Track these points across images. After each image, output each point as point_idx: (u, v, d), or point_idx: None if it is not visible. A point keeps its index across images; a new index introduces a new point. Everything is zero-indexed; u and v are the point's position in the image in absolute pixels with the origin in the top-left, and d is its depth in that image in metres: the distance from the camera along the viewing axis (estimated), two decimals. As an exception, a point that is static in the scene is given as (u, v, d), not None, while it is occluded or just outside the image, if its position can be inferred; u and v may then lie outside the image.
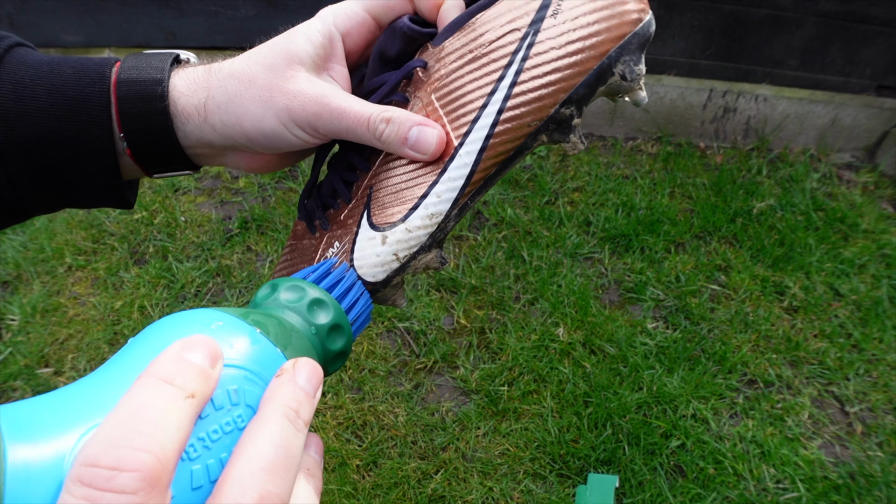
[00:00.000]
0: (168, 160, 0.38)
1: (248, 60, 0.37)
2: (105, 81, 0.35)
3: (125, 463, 0.19)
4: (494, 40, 0.35)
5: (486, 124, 0.35)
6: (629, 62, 0.35)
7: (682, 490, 1.21)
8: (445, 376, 1.40)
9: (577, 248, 1.64)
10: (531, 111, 0.35)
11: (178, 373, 0.21)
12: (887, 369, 1.43)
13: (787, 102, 1.93)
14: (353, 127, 0.35)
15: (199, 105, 0.36)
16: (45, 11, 1.97)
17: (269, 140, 0.37)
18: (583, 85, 0.34)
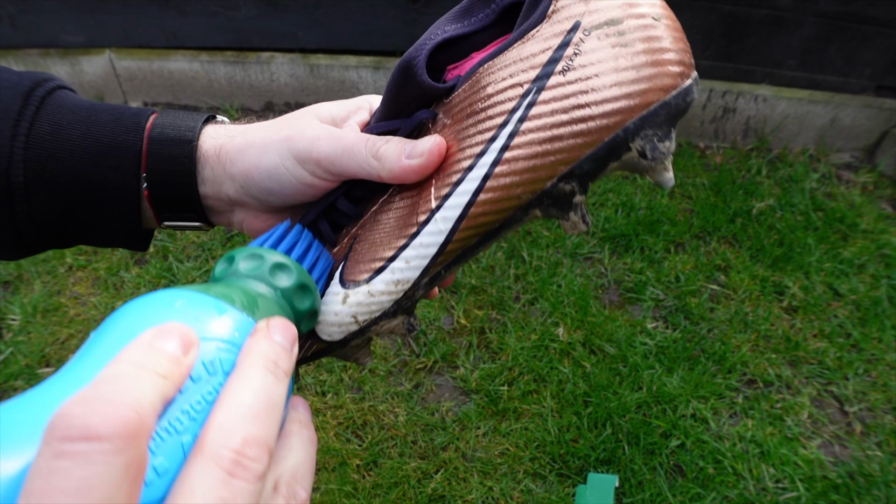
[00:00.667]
0: (182, 206, 0.38)
1: (278, 119, 0.38)
2: (140, 131, 0.36)
3: (99, 411, 0.18)
4: (493, 94, 0.30)
5: (469, 189, 0.30)
6: (652, 137, 0.28)
7: (682, 489, 1.21)
8: (445, 376, 1.40)
9: (577, 248, 1.64)
10: (522, 182, 0.29)
11: (148, 358, 0.21)
12: (886, 369, 1.43)
13: (787, 103, 1.93)
14: (351, 146, 0.34)
15: (217, 147, 0.37)
16: (46, 12, 1.97)
17: (263, 178, 0.36)
18: (588, 159, 0.29)
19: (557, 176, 0.29)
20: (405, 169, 0.32)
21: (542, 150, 0.29)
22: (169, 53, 2.03)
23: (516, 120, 0.29)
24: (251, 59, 2.01)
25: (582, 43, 0.28)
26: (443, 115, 0.32)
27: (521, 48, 0.29)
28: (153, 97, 2.12)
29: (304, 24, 1.99)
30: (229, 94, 2.09)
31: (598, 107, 0.28)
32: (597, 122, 0.28)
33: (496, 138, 0.29)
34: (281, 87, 2.05)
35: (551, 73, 0.28)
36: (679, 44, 0.28)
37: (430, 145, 0.32)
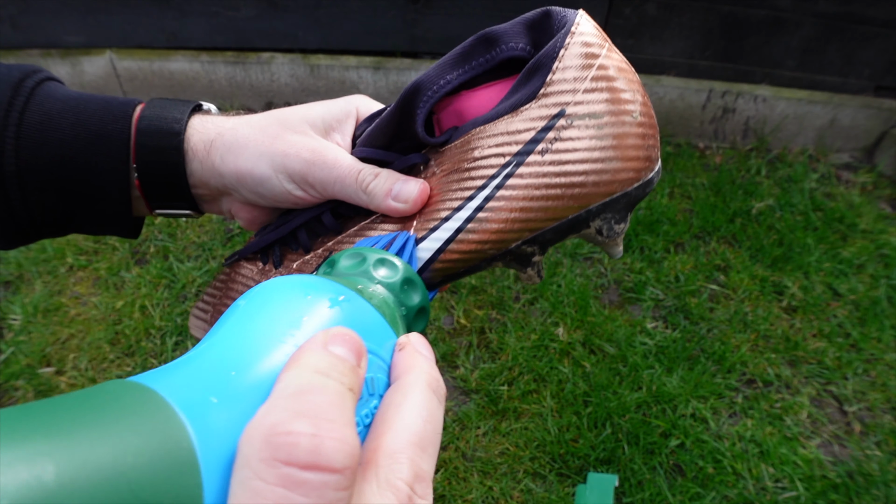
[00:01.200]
0: (172, 196, 0.39)
1: (266, 114, 0.38)
2: (128, 119, 0.36)
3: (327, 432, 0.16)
4: (479, 158, 0.33)
5: (442, 238, 0.33)
6: (610, 220, 0.32)
7: (682, 489, 1.22)
8: (445, 376, 1.40)
9: (577, 247, 1.64)
10: (490, 240, 0.33)
11: (332, 367, 0.19)
12: (885, 369, 1.43)
13: (786, 103, 1.94)
14: (343, 177, 0.36)
15: (207, 141, 0.38)
16: (47, 12, 1.97)
17: (256, 184, 0.37)
18: (552, 230, 0.32)
19: (522, 240, 0.33)
20: (391, 208, 0.35)
21: (513, 217, 0.32)
22: (169, 54, 2.03)
23: (493, 186, 0.32)
24: (251, 59, 2.01)
25: (564, 130, 0.31)
26: (434, 164, 0.35)
27: (510, 122, 0.32)
28: (154, 97, 2.13)
29: (305, 25, 1.99)
30: (230, 95, 2.09)
31: (567, 189, 0.31)
32: (564, 201, 0.32)
33: (473, 198, 0.32)
34: (281, 88, 2.06)
35: (531, 152, 0.31)
36: (649, 140, 0.32)
37: (416, 195, 0.35)
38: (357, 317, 0.23)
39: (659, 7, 1.85)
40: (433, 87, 0.33)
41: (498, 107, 0.33)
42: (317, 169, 0.36)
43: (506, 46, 0.33)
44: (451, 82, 0.33)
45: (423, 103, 0.33)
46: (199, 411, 0.17)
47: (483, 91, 0.34)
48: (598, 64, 0.31)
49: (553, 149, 0.31)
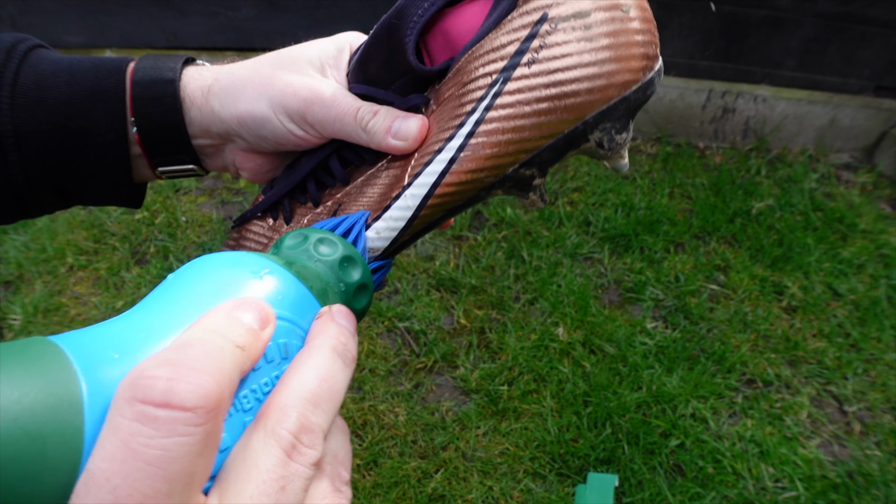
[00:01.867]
0: (174, 148, 0.38)
1: (260, 57, 0.38)
2: (121, 74, 0.36)
3: (184, 376, 0.18)
4: (468, 83, 0.31)
5: (436, 171, 0.31)
6: (610, 130, 0.30)
7: (682, 489, 1.22)
8: (445, 376, 1.40)
9: (577, 248, 1.64)
10: (486, 167, 0.31)
11: (227, 327, 0.21)
12: (885, 369, 1.43)
13: (786, 103, 1.94)
14: (342, 116, 0.35)
15: (205, 88, 0.37)
16: (47, 12, 1.97)
17: (256, 125, 0.37)
18: (549, 148, 0.30)
19: (519, 163, 0.31)
20: (390, 146, 0.35)
21: (505, 139, 0.30)
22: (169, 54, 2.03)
23: (483, 108, 0.30)
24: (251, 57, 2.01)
25: (548, 35, 0.28)
26: (433, 101, 0.33)
27: (494, 38, 0.30)
28: (154, 97, 2.13)
29: (305, 25, 1.99)
30: (230, 95, 2.09)
31: (560, 100, 0.29)
32: (558, 114, 0.29)
33: (464, 124, 0.30)
34: (281, 88, 2.06)
35: (517, 65, 0.29)
36: (645, 35, 0.29)
37: (415, 132, 0.34)
38: (279, 288, 0.24)
39: (659, 7, 1.84)
40: (418, 11, 0.31)
41: (484, 24, 0.31)
42: (315, 107, 0.35)
43: None
44: (435, 4, 0.31)
45: (409, 31, 0.31)
46: (94, 363, 0.19)
47: (467, 7, 0.32)
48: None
49: (539, 58, 0.29)
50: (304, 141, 0.37)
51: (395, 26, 0.32)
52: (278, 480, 0.20)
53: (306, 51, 0.38)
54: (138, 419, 0.17)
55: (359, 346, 1.43)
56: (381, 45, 0.33)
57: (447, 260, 1.61)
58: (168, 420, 0.17)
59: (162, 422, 0.17)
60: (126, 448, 0.17)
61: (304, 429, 0.21)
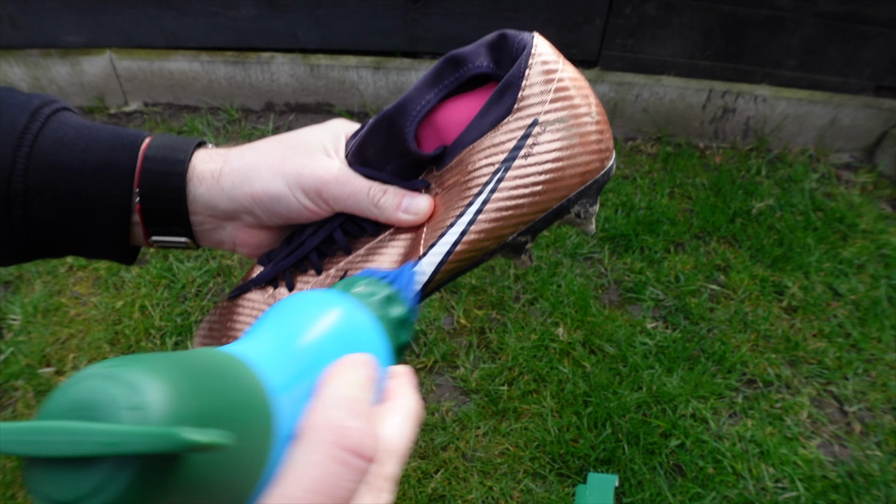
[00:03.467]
0: (171, 220, 0.40)
1: (266, 141, 0.42)
2: (135, 149, 0.39)
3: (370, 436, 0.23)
4: (473, 171, 0.38)
5: (450, 241, 0.38)
6: (586, 204, 0.39)
7: (682, 489, 1.22)
8: (445, 376, 1.40)
9: (577, 248, 1.64)
10: (491, 237, 0.38)
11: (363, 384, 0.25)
12: (886, 369, 1.43)
13: (787, 103, 1.93)
14: (355, 193, 0.40)
15: (216, 170, 0.40)
16: (47, 12, 1.97)
17: (272, 202, 0.40)
18: (541, 220, 0.39)
19: (517, 232, 0.39)
20: (400, 220, 0.40)
21: (507, 214, 0.38)
22: (169, 54, 2.03)
23: (488, 191, 0.38)
24: (251, 59, 2.01)
25: (539, 135, 0.37)
26: (435, 185, 0.40)
27: (493, 136, 0.38)
28: (153, 97, 2.13)
29: (305, 25, 1.99)
30: (229, 95, 2.09)
31: (550, 184, 0.37)
32: (549, 194, 0.38)
33: (472, 204, 0.38)
34: (281, 88, 2.06)
35: (516, 157, 0.37)
36: (605, 135, 0.38)
37: (425, 207, 0.40)
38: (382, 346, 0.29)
39: (659, 7, 1.85)
40: (416, 107, 0.38)
41: (480, 125, 0.38)
42: (331, 186, 0.39)
43: (472, 65, 0.39)
44: (431, 101, 0.38)
45: (409, 122, 0.38)
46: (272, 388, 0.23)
47: (455, 103, 0.40)
48: (557, 78, 0.37)
49: (533, 152, 0.37)
50: (314, 214, 0.41)
51: (395, 117, 0.39)
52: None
53: (311, 136, 0.42)
54: (339, 462, 0.22)
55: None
56: (381, 132, 0.40)
57: (447, 260, 1.61)
58: (358, 468, 0.22)
59: (354, 469, 0.22)
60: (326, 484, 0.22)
61: (390, 479, 0.25)
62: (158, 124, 2.06)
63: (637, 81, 1.94)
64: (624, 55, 1.96)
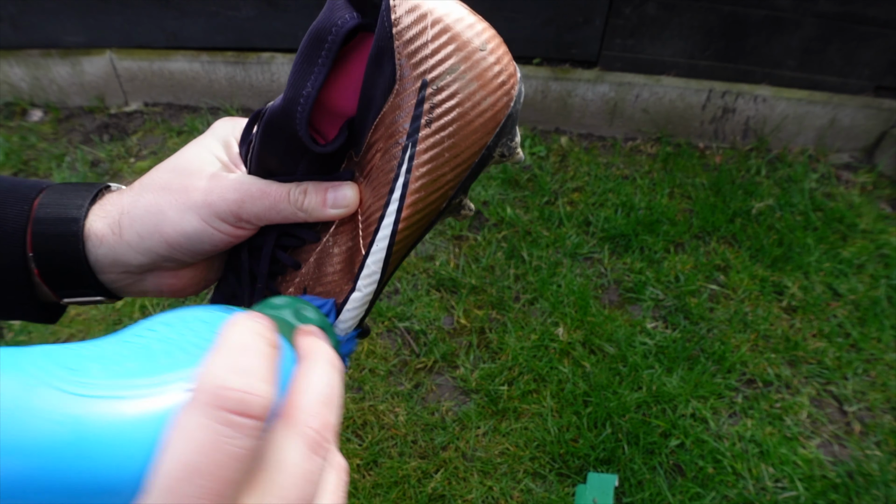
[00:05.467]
0: (77, 283, 0.37)
1: (157, 171, 0.37)
2: (28, 202, 0.35)
3: (255, 388, 0.21)
4: (385, 154, 0.35)
5: (387, 234, 0.36)
6: (506, 142, 0.36)
7: (682, 489, 1.22)
8: (445, 376, 1.40)
9: (577, 248, 1.64)
10: (424, 213, 0.36)
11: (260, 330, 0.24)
12: (885, 369, 1.43)
13: (786, 103, 1.94)
14: (276, 202, 0.36)
15: (114, 224, 0.36)
16: (47, 12, 1.97)
17: (191, 242, 0.36)
18: (468, 178, 0.36)
19: (449, 197, 0.37)
20: (330, 216, 0.37)
21: (432, 189, 0.35)
22: (169, 54, 2.03)
23: (405, 171, 0.35)
24: (251, 59, 2.01)
25: (434, 96, 0.33)
26: (357, 173, 0.38)
27: (390, 113, 0.35)
28: (154, 97, 2.13)
29: (304, 25, 1.99)
30: (229, 95, 2.09)
31: (463, 141, 0.34)
32: (465, 151, 0.35)
33: (394, 190, 0.36)
34: (281, 88, 2.06)
35: (419, 128, 0.34)
36: (503, 61, 0.34)
37: (352, 198, 0.37)
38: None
39: (659, 7, 1.85)
40: (299, 103, 0.34)
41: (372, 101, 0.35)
42: (248, 205, 0.36)
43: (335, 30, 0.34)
44: (312, 93, 0.34)
45: (300, 122, 0.34)
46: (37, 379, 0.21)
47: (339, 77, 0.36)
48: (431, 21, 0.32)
49: (434, 116, 0.33)
50: (240, 238, 0.38)
51: (283, 123, 0.35)
52: (305, 474, 0.23)
53: (200, 152, 0.38)
54: (222, 422, 0.21)
55: (359, 346, 1.43)
56: (275, 140, 0.36)
57: (447, 260, 1.61)
58: (245, 427, 0.21)
59: (240, 427, 0.21)
60: (216, 445, 0.20)
61: (324, 426, 0.25)
62: (158, 124, 2.06)
63: (637, 81, 1.94)
64: (624, 55, 1.96)
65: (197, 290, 0.42)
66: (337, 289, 0.38)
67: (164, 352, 0.24)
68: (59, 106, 2.14)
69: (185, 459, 0.20)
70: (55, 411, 0.20)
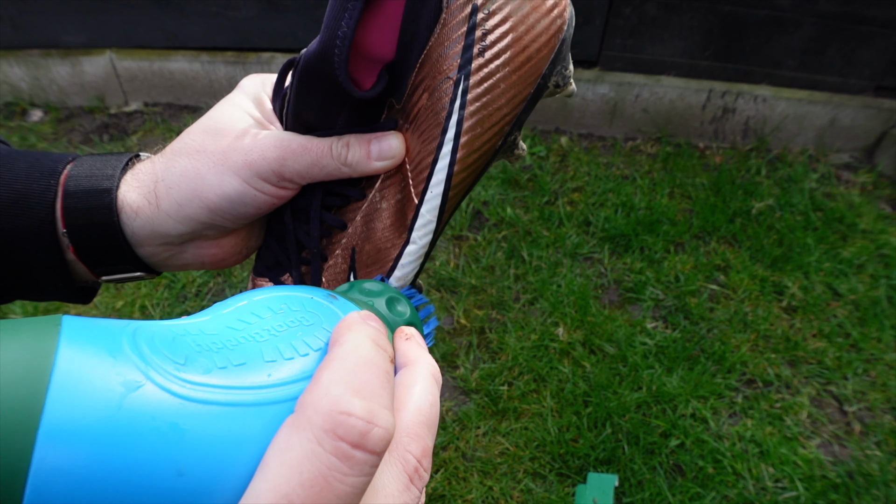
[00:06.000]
0: (115, 259, 0.35)
1: (189, 134, 0.35)
2: (55, 176, 0.33)
3: (379, 418, 0.20)
4: (434, 92, 0.33)
5: (441, 179, 0.34)
6: (561, 70, 0.34)
7: (682, 489, 1.22)
8: (445, 376, 1.40)
9: (577, 248, 1.64)
10: (480, 153, 0.34)
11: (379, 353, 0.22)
12: (885, 369, 1.43)
13: (786, 103, 1.94)
14: (319, 158, 0.34)
15: (149, 193, 0.34)
16: (47, 13, 1.97)
17: (233, 206, 0.34)
18: (523, 112, 0.34)
19: (505, 134, 0.34)
20: (376, 169, 0.35)
21: (489, 123, 0.33)
22: (169, 54, 2.03)
23: (458, 108, 0.32)
24: (251, 59, 2.01)
25: (486, 21, 0.31)
26: (402, 120, 0.35)
27: (438, 46, 0.32)
28: (154, 97, 2.13)
29: (304, 24, 1.99)
30: (230, 95, 2.09)
31: (518, 70, 0.32)
32: (522, 82, 0.32)
33: (447, 129, 0.33)
34: (281, 88, 2.06)
35: (472, 58, 0.32)
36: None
37: (398, 148, 0.35)
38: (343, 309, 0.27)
39: (659, 7, 1.85)
40: (336, 47, 0.32)
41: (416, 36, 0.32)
42: (290, 162, 0.34)
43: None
44: (348, 33, 0.32)
45: (339, 66, 0.32)
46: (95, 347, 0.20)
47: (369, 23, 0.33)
48: None
49: (487, 44, 0.31)
50: (281, 199, 0.36)
51: (321, 69, 0.33)
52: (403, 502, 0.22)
53: (232, 112, 0.36)
54: (337, 455, 0.19)
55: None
56: (312, 90, 0.34)
57: (447, 260, 1.61)
58: (361, 462, 0.19)
59: (356, 463, 0.19)
60: (323, 480, 0.18)
61: (424, 453, 0.23)
62: (158, 124, 2.06)
63: (637, 81, 1.94)
64: (624, 55, 1.96)
65: (238, 259, 0.40)
66: (388, 244, 0.36)
67: (271, 347, 0.22)
68: (59, 106, 2.14)
69: (286, 490, 0.18)
70: (157, 416, 0.18)
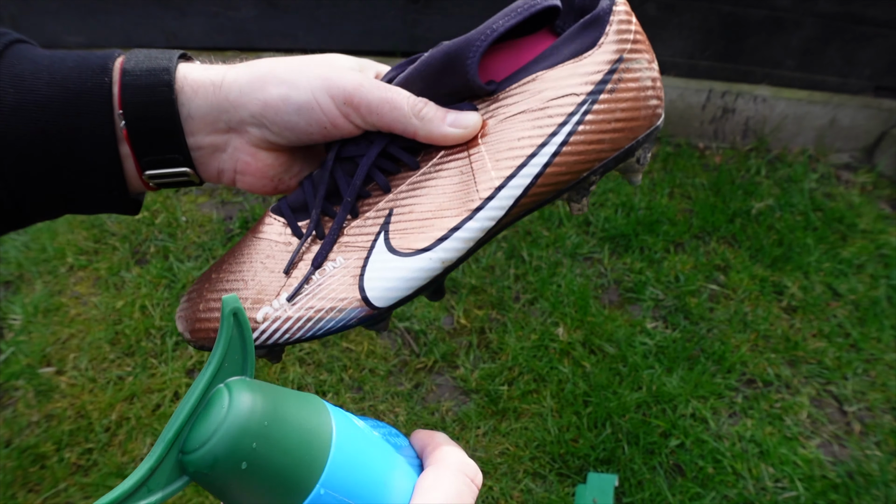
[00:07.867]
0: (166, 146, 0.35)
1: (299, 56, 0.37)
2: (108, 72, 0.33)
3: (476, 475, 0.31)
4: (553, 98, 0.37)
5: (532, 173, 0.37)
6: (647, 149, 0.39)
7: (682, 489, 1.22)
8: (445, 376, 1.40)
9: (577, 248, 1.64)
10: (572, 171, 0.38)
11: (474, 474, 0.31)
12: (885, 369, 1.43)
13: (786, 103, 1.94)
14: (394, 98, 0.34)
15: (216, 79, 0.35)
16: (48, 13, 1.97)
17: (289, 111, 0.34)
18: (613, 159, 0.38)
19: (591, 170, 0.38)
20: (445, 135, 0.35)
21: (591, 148, 0.37)
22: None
23: (574, 122, 0.36)
24: (251, 59, 2.01)
25: (624, 72, 0.37)
26: (483, 111, 0.38)
27: (577, 66, 0.37)
28: (154, 97, 2.13)
29: (305, 25, 1.99)
30: (230, 95, 2.09)
31: (628, 122, 0.37)
32: (625, 133, 0.38)
33: (557, 133, 0.37)
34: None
35: (603, 91, 0.37)
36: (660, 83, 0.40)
37: (474, 122, 0.36)
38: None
39: (659, 7, 1.85)
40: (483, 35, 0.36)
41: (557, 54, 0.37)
42: (364, 90, 0.34)
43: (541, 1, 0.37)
44: (498, 30, 0.36)
45: (473, 53, 0.35)
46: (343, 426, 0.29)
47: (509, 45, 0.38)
48: (635, 20, 0.38)
49: (619, 88, 0.37)
50: (337, 130, 0.35)
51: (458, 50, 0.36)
52: None
53: (336, 56, 0.37)
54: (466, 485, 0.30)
55: (359, 346, 1.43)
56: (436, 69, 0.37)
57: (447, 260, 1.61)
58: (475, 491, 0.30)
59: (473, 490, 0.30)
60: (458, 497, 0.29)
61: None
62: (159, 124, 2.06)
63: (637, 81, 1.94)
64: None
65: (264, 187, 0.39)
66: (442, 215, 0.37)
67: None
68: (60, 106, 2.14)
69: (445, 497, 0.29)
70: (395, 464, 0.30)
